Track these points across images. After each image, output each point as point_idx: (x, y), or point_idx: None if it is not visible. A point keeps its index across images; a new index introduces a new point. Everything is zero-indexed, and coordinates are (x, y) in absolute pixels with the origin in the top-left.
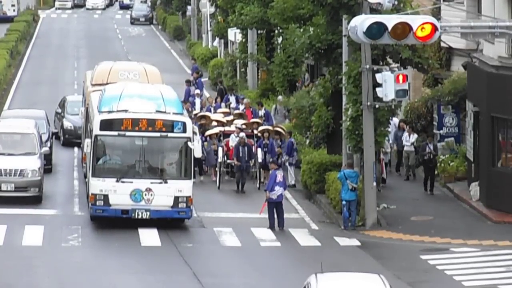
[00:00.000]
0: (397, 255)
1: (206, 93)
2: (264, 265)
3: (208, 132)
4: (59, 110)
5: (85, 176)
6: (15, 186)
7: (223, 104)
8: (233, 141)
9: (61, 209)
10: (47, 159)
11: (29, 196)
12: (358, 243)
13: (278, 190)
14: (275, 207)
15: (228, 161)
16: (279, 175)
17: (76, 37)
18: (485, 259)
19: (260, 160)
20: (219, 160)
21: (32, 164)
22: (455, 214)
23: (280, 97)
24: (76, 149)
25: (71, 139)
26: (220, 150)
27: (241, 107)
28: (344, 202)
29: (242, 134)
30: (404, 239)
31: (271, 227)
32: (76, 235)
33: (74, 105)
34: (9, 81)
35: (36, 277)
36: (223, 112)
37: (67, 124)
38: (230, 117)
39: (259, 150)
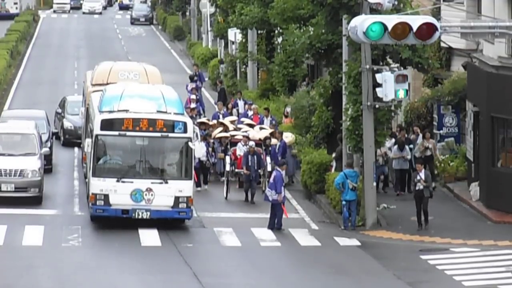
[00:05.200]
0: (397, 255)
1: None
2: (264, 265)
3: (216, 134)
4: (59, 110)
5: (85, 176)
6: (15, 187)
7: (234, 111)
8: (240, 150)
9: (61, 209)
10: (47, 159)
11: (29, 196)
12: (358, 243)
13: (283, 191)
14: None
15: (237, 170)
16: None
17: (76, 37)
18: (485, 259)
19: (269, 169)
20: (227, 169)
21: (32, 164)
22: (455, 214)
23: None
24: (76, 149)
25: (71, 139)
26: (227, 158)
27: (250, 112)
28: (344, 202)
29: (252, 143)
30: (404, 239)
31: (271, 227)
32: (76, 235)
33: (74, 105)
34: (9, 81)
35: (36, 277)
36: (231, 121)
37: (67, 124)
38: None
39: (268, 158)
